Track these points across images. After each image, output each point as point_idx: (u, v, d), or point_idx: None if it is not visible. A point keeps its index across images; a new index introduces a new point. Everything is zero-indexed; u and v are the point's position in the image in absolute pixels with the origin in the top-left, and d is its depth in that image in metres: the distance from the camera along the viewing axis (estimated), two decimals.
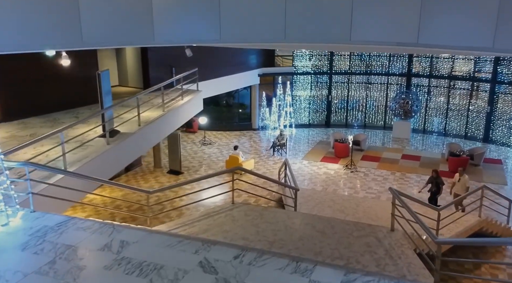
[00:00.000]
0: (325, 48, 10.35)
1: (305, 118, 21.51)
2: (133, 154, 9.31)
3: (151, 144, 10.45)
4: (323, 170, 15.45)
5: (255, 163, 15.87)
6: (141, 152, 9.89)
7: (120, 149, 8.66)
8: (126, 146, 8.91)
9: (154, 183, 14.17)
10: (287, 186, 9.48)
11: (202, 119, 18.46)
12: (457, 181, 11.29)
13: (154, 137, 10.52)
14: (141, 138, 9.68)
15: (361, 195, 13.10)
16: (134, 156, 9.48)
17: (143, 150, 9.92)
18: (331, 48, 10.99)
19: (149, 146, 10.28)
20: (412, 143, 19.12)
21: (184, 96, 12.90)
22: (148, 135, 10.09)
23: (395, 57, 20.18)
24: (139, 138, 9.58)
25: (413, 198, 8.09)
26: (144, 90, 11.53)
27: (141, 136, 9.70)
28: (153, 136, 10.42)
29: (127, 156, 9.01)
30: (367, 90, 20.98)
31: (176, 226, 7.07)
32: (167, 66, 14.57)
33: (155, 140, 10.64)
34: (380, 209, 10.02)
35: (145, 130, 9.87)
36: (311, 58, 20.78)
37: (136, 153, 9.48)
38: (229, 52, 17.77)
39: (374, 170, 15.38)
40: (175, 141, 14.80)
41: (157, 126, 10.60)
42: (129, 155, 9.06)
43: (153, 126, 10.30)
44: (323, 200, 10.61)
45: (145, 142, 9.94)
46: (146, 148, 10.03)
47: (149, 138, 10.18)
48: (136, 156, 9.60)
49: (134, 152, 9.36)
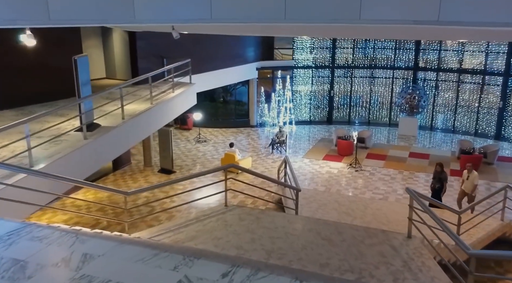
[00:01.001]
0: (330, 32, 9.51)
1: (305, 115, 20.63)
2: (115, 151, 8.43)
3: (137, 140, 9.58)
4: (326, 168, 14.59)
5: (253, 162, 15.00)
6: (124, 148, 9.01)
7: (99, 145, 7.77)
8: (106, 141, 8.02)
9: (144, 183, 13.28)
10: (287, 186, 8.60)
11: (196, 115, 17.59)
12: (466, 178, 10.62)
13: (141, 133, 9.63)
14: (124, 133, 8.79)
15: (367, 196, 12.24)
16: (116, 153, 8.61)
17: (127, 145, 9.05)
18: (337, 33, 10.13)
19: (134, 141, 9.41)
20: (419, 140, 18.26)
21: (176, 89, 12.02)
22: (133, 130, 9.21)
23: (401, 50, 19.32)
24: (123, 133, 8.70)
25: (431, 199, 7.22)
26: (128, 81, 10.66)
27: (125, 131, 8.82)
28: (139, 132, 9.54)
29: (108, 152, 8.13)
30: (371, 85, 20.12)
31: (159, 232, 6.19)
32: (158, 57, 13.69)
33: (142, 136, 9.76)
34: (391, 212, 9.16)
35: (129, 125, 8.98)
36: (312, 51, 19.90)
37: (118, 149, 8.60)
38: (226, 43, 16.90)
39: (380, 169, 14.51)
40: (166, 138, 13.91)
41: (144, 121, 9.72)
42: (110, 152, 8.18)
43: (139, 120, 9.41)
44: (327, 201, 9.74)
45: (130, 137, 9.06)
46: (130, 143, 9.17)
47: (135, 134, 9.29)
48: (119, 152, 8.74)
49: (117, 148, 8.47)
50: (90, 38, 13.47)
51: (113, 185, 13.03)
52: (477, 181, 10.57)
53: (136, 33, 12.72)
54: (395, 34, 10.93)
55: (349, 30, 8.18)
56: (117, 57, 13.87)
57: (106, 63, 14.07)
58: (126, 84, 9.64)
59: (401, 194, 12.44)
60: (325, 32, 9.53)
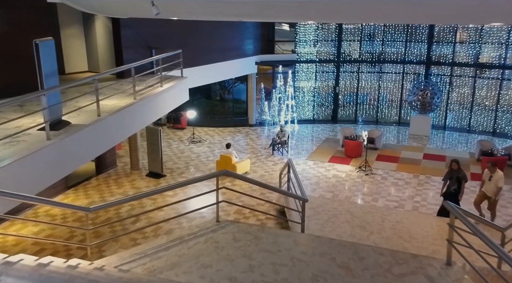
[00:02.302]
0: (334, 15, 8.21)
1: (308, 113, 19.40)
2: (88, 154, 7.19)
3: (116, 140, 8.36)
4: (332, 172, 13.36)
5: (252, 164, 13.77)
6: (99, 150, 7.78)
7: (66, 146, 6.54)
8: (76, 142, 6.79)
9: (129, 188, 12.04)
10: (291, 195, 7.37)
11: (190, 113, 16.37)
12: (488, 179, 9.13)
13: (121, 132, 8.39)
14: (100, 133, 7.56)
15: (381, 203, 11.01)
16: (89, 156, 7.37)
17: (103, 147, 7.82)
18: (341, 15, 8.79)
19: (113, 142, 8.20)
20: (433, 141, 17.03)
21: (164, 83, 10.79)
22: (112, 129, 7.97)
23: (412, 42, 18.08)
24: (98, 132, 7.46)
25: (478, 217, 5.99)
26: (105, 72, 9.45)
27: (101, 130, 7.58)
28: (119, 131, 8.29)
29: (78, 155, 6.89)
30: (380, 80, 18.89)
31: (132, 257, 4.96)
32: (145, 48, 12.45)
33: (122, 136, 8.54)
34: (412, 225, 7.94)
35: (106, 123, 7.74)
36: (315, 44, 18.66)
37: (92, 152, 7.36)
38: (222, 35, 15.67)
39: (393, 172, 13.28)
40: (155, 138, 12.68)
41: (125, 118, 8.48)
42: (80, 155, 6.94)
43: (118, 117, 8.17)
44: (338, 211, 8.51)
45: (107, 137, 7.82)
46: (108, 145, 7.96)
47: (113, 133, 8.05)
48: (92, 155, 7.51)
49: (89, 151, 7.23)
50: (69, 27, 12.23)
51: (95, 191, 11.79)
52: (503, 182, 9.08)
53: (120, 20, 11.48)
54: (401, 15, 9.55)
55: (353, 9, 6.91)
56: (101, 48, 12.62)
57: (89, 55, 12.83)
58: (100, 75, 8.40)
59: (418, 201, 11.21)
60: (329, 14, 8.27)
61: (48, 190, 11.25)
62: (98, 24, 12.46)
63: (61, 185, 11.55)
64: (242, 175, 5.99)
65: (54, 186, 11.29)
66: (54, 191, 11.35)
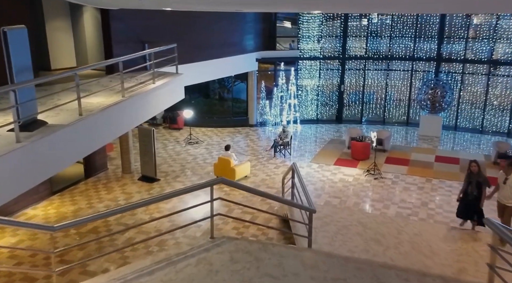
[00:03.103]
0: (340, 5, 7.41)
1: (312, 113, 18.60)
2: (66, 158, 6.39)
3: (100, 143, 7.55)
4: (339, 176, 12.55)
5: (252, 167, 12.98)
6: (80, 154, 6.98)
7: (40, 150, 5.74)
8: (52, 144, 6.00)
9: (120, 194, 11.24)
10: (296, 205, 6.57)
11: (187, 113, 15.59)
12: (503, 182, 7.88)
13: (106, 134, 7.59)
14: (81, 134, 6.77)
15: (392, 210, 10.22)
16: (68, 161, 6.56)
17: (85, 151, 7.02)
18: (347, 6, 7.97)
19: (96, 145, 7.40)
20: (444, 142, 16.23)
21: (157, 80, 10.01)
22: (95, 130, 7.18)
23: (422, 38, 17.27)
24: (78, 134, 6.68)
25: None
26: (87, 66, 8.70)
27: (82, 131, 6.79)
28: (104, 132, 7.50)
29: (55, 160, 6.09)
30: (387, 78, 18.09)
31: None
32: (137, 43, 11.66)
33: (107, 138, 7.74)
34: (433, 238, 7.14)
35: (89, 123, 6.95)
36: (320, 40, 17.86)
37: (71, 155, 6.55)
38: (220, 29, 14.89)
39: (404, 176, 12.48)
40: (148, 139, 11.89)
41: (111, 118, 7.69)
42: (57, 159, 6.14)
43: (103, 117, 7.38)
44: (348, 222, 7.70)
45: (89, 139, 7.02)
46: (90, 148, 7.16)
47: (97, 135, 7.26)
48: (71, 160, 6.72)
49: (68, 155, 6.43)
50: (55, 19, 11.43)
51: (83, 196, 11.00)
52: None
53: (109, 12, 10.70)
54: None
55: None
56: (90, 42, 11.83)
57: (77, 50, 12.02)
58: (82, 69, 7.63)
59: (433, 208, 10.41)
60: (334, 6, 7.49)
61: (31, 195, 10.49)
62: (87, 17, 11.68)
63: (46, 190, 10.77)
64: (239, 183, 5.21)
65: (38, 191, 10.53)
66: (38, 196, 10.57)
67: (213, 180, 5.02)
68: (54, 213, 10.02)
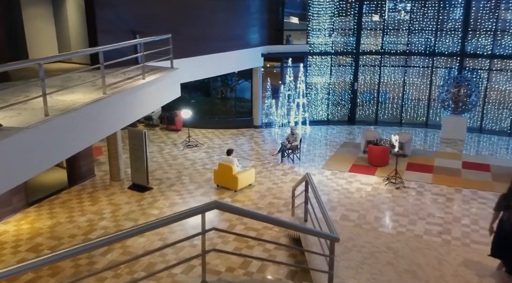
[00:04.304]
0: None
1: (322, 113, 17.31)
2: (21, 171, 5.12)
3: (71, 150, 6.26)
4: (355, 184, 11.25)
5: (257, 174, 11.72)
6: (43, 165, 5.67)
7: None
8: (2, 154, 4.76)
9: (106, 205, 9.99)
10: (313, 233, 5.27)
11: (185, 112, 14.35)
12: None
13: (79, 138, 6.32)
14: (45, 140, 5.52)
15: (420, 227, 8.90)
16: (24, 174, 5.27)
17: (50, 161, 5.73)
18: None
19: (66, 153, 6.11)
20: (469, 146, 14.89)
21: (148, 75, 8.77)
22: (64, 135, 5.93)
23: (444, 31, 15.92)
24: (41, 139, 5.43)
25: None
26: (55, 56, 7.47)
27: (47, 136, 5.55)
28: (76, 137, 6.24)
29: (5, 174, 4.83)
30: (405, 75, 16.75)
31: None
32: (127, 33, 10.39)
33: (81, 144, 6.47)
34: (484, 271, 5.82)
35: (56, 125, 5.71)
36: (331, 34, 16.56)
37: (29, 168, 5.27)
38: (222, 21, 13.63)
39: (429, 186, 11.16)
40: (139, 143, 10.65)
41: (87, 119, 6.45)
42: (9, 173, 4.89)
43: (76, 117, 6.14)
44: (375, 247, 6.39)
45: (56, 145, 5.76)
46: (57, 157, 5.90)
47: (67, 140, 6.00)
48: (30, 173, 5.42)
49: (25, 166, 5.17)
50: (34, 5, 10.22)
51: (63, 208, 9.76)
52: None
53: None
54: None
55: None
56: (73, 32, 10.61)
57: (59, 41, 10.81)
58: (48, 59, 6.38)
59: (467, 224, 9.09)
60: None
61: (2, 207, 9.22)
62: (71, 3, 10.45)
63: (20, 201, 9.54)
64: (239, 208, 3.95)
65: (11, 203, 9.31)
66: (11, 209, 9.34)
67: (206, 205, 3.75)
68: (28, 228, 8.78)
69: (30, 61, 5.82)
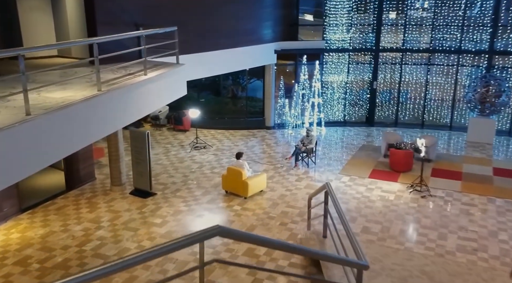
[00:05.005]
0: None
1: (339, 113, 16.44)
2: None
3: (57, 155, 5.52)
4: (376, 192, 10.37)
5: (269, 179, 10.91)
6: (22, 173, 4.93)
7: None
8: None
9: (104, 212, 9.27)
10: (335, 260, 4.43)
11: (192, 112, 13.61)
12: None
13: (67, 141, 5.57)
14: (24, 143, 4.80)
15: (452, 243, 7.99)
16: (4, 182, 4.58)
17: (30, 168, 5.01)
18: None
19: (51, 159, 5.37)
20: (498, 150, 13.87)
21: (151, 71, 8.04)
22: (48, 137, 5.20)
23: (471, 27, 14.92)
24: (20, 142, 4.71)
25: None
26: (37, 47, 6.78)
27: (26, 139, 4.83)
28: (64, 139, 5.49)
29: None
30: (428, 74, 15.78)
31: None
32: (130, 25, 9.68)
33: (70, 147, 5.72)
34: None
35: (39, 126, 4.99)
36: (349, 29, 15.67)
37: (6, 176, 4.56)
38: (232, 15, 12.86)
39: (458, 194, 10.23)
40: (141, 145, 9.91)
41: (76, 119, 5.71)
42: None
43: (62, 118, 5.41)
44: (407, 271, 5.52)
45: (37, 150, 5.03)
46: (40, 162, 5.17)
47: (51, 143, 5.26)
48: (6, 182, 4.72)
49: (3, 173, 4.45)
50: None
51: (59, 216, 9.06)
52: None
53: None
54: None
55: None
56: (72, 25, 9.90)
57: (58, 35, 10.14)
58: (27, 50, 5.66)
59: (506, 240, 8.15)
60: None
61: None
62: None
63: (12, 206, 8.87)
64: (245, 233, 3.11)
65: (1, 208, 8.64)
66: (2, 215, 8.68)
67: (206, 231, 2.95)
68: (18, 238, 8.09)
69: (8, 51, 5.08)
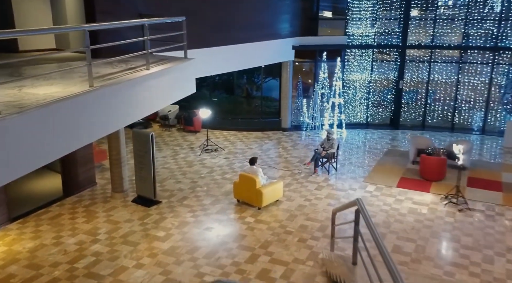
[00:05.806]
0: None
1: (361, 115, 15.38)
2: None
3: (34, 163, 4.66)
4: (406, 204, 9.31)
5: (285, 187, 9.94)
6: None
7: None
8: None
9: (102, 223, 8.40)
10: None
11: (203, 112, 12.72)
12: None
13: (47, 147, 4.70)
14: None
15: (499, 267, 6.91)
16: None
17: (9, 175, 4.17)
18: None
19: (26, 168, 4.52)
20: None
21: (155, 65, 7.16)
22: (22, 142, 4.32)
23: (509, 21, 13.72)
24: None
25: None
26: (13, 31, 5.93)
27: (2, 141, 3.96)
28: (43, 144, 4.62)
29: None
30: (460, 73, 14.61)
31: None
32: (133, 15, 8.81)
33: (50, 154, 4.84)
34: None
35: (10, 128, 4.11)
36: (374, 24, 14.60)
37: None
38: (247, 7, 11.91)
39: (500, 208, 9.10)
40: (145, 148, 9.03)
41: (60, 119, 4.83)
42: None
43: (41, 117, 4.53)
44: None
45: (10, 157, 4.16)
46: (13, 172, 4.32)
47: (27, 149, 4.38)
48: None
49: None
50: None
51: (52, 226, 8.22)
52: None
53: None
54: None
55: None
56: (71, 17, 9.10)
57: (55, 25, 9.33)
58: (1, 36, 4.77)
59: None
60: None
61: None
62: None
63: (1, 215, 8.06)
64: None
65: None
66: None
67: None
68: (3, 252, 7.26)
69: None
